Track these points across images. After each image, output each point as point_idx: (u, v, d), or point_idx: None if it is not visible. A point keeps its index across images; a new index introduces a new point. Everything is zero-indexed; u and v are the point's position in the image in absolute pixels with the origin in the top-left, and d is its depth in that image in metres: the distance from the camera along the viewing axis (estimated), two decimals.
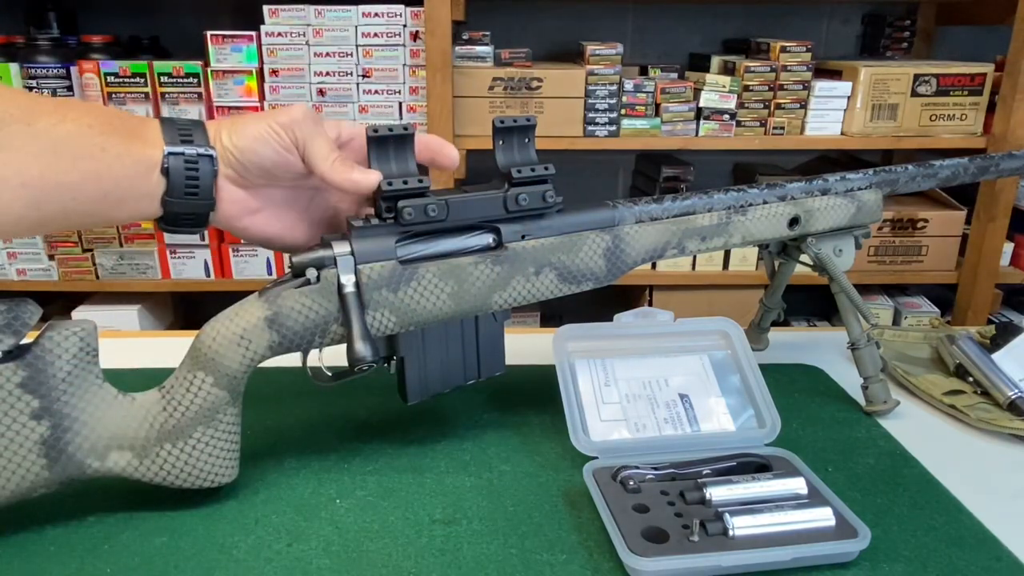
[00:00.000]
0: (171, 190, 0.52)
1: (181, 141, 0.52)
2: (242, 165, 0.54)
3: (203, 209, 0.54)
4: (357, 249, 0.56)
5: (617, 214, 0.63)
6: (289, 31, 1.73)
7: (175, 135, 0.53)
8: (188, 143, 0.53)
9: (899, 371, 0.77)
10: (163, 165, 0.52)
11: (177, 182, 0.52)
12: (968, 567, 0.51)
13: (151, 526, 0.54)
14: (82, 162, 0.50)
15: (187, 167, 0.52)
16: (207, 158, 0.53)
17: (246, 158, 0.54)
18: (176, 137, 0.52)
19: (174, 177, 0.52)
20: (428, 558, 0.51)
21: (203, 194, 0.53)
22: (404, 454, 0.63)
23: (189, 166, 0.52)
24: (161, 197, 0.53)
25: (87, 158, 0.50)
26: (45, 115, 0.49)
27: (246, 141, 0.54)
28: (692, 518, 0.51)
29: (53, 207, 0.50)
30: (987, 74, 1.81)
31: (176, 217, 0.54)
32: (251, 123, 0.54)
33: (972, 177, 0.74)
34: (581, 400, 0.63)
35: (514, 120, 0.59)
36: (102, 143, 0.50)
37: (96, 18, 2.00)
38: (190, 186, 0.53)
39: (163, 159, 0.52)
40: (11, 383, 0.50)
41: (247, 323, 0.54)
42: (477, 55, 1.81)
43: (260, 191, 0.57)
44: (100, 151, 0.50)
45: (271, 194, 0.57)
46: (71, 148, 0.49)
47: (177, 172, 0.52)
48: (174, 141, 0.52)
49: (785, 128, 1.85)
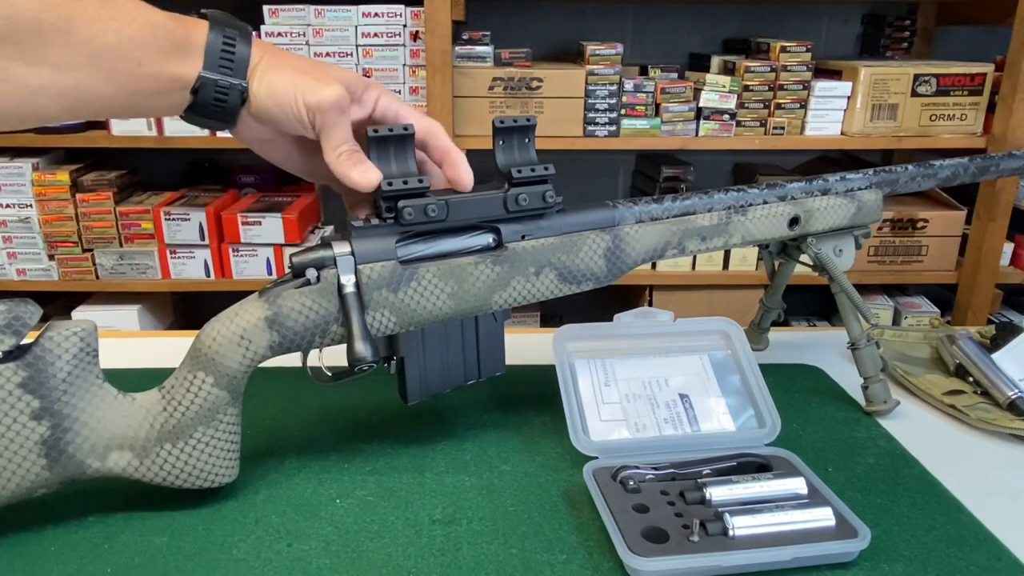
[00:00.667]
0: (196, 107, 0.53)
1: (220, 65, 0.52)
2: (258, 109, 0.55)
3: (220, 127, 0.56)
4: (357, 249, 0.56)
5: (617, 214, 0.63)
6: (289, 31, 1.74)
7: (216, 55, 0.52)
8: (226, 69, 0.52)
9: (899, 371, 0.77)
10: (195, 85, 0.52)
11: (204, 103, 0.53)
12: (968, 567, 0.51)
13: (151, 526, 0.54)
14: (118, 76, 0.50)
15: (216, 93, 0.53)
16: (237, 90, 0.53)
17: (262, 109, 0.54)
18: (216, 59, 0.52)
19: (202, 98, 0.53)
20: (428, 558, 0.51)
21: (226, 116, 0.54)
22: (404, 454, 0.63)
23: (219, 92, 0.53)
24: (185, 109, 0.54)
25: (123, 73, 0.50)
26: (86, 24, 0.49)
27: (270, 101, 0.54)
28: (692, 518, 0.51)
29: (86, 110, 0.52)
30: (987, 74, 1.81)
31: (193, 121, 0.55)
32: (284, 82, 0.54)
33: (972, 177, 0.74)
34: (581, 400, 0.63)
35: (514, 120, 0.59)
36: (140, 57, 0.50)
37: None
38: (215, 108, 0.53)
39: (196, 80, 0.52)
40: (11, 383, 0.50)
41: (247, 323, 0.54)
42: (477, 55, 1.81)
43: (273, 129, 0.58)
44: (137, 66, 0.50)
45: (282, 134, 0.58)
46: (108, 61, 0.50)
47: (206, 95, 0.53)
48: (212, 65, 0.52)
49: (785, 128, 1.85)
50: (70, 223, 1.83)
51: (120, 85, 0.51)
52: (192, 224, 1.83)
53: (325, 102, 0.53)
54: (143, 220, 1.83)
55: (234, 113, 0.54)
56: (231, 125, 0.56)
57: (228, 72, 0.52)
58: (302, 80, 0.54)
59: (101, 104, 0.51)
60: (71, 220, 1.83)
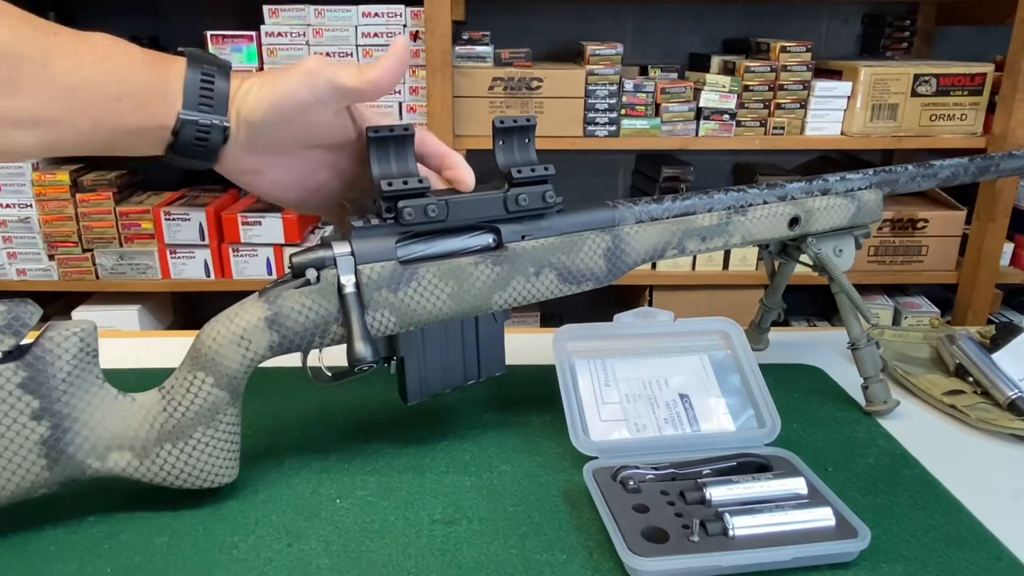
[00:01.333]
0: (177, 148, 0.53)
1: (200, 103, 0.52)
2: (256, 129, 0.54)
3: (203, 166, 0.55)
4: (357, 249, 0.56)
5: (617, 214, 0.63)
6: (289, 31, 1.74)
7: (195, 94, 0.52)
8: (206, 107, 0.52)
9: (899, 371, 0.77)
10: (175, 127, 0.52)
11: (185, 144, 0.52)
12: (968, 567, 0.51)
13: (151, 526, 0.54)
14: (95, 110, 0.49)
15: (198, 133, 0.52)
16: (219, 128, 0.52)
17: (263, 113, 0.53)
18: (196, 98, 0.52)
19: (182, 139, 0.52)
20: (428, 558, 0.51)
21: (207, 155, 0.54)
22: (404, 454, 0.63)
23: (200, 132, 0.52)
24: (165, 148, 0.53)
25: (101, 107, 0.49)
26: (62, 57, 0.48)
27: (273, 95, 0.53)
28: (692, 518, 0.51)
29: (65, 145, 0.50)
30: (987, 74, 1.81)
31: (177, 161, 0.54)
32: (285, 74, 0.53)
33: (972, 177, 0.74)
34: (581, 400, 0.63)
35: (514, 120, 0.59)
36: (118, 92, 0.50)
37: (96, 18, 2.00)
38: (197, 148, 0.53)
39: (176, 122, 0.51)
40: (11, 383, 0.50)
41: (247, 323, 0.54)
42: (477, 55, 1.81)
43: (264, 157, 0.57)
44: (115, 101, 0.50)
45: (275, 161, 0.57)
46: (85, 95, 0.49)
47: (186, 137, 0.52)
48: (192, 104, 0.52)
49: (785, 128, 1.85)
50: (70, 223, 1.83)
51: (97, 120, 0.50)
52: (192, 224, 1.83)
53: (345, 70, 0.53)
54: (143, 220, 1.83)
55: (215, 151, 0.53)
56: (213, 163, 0.55)
57: (208, 110, 0.52)
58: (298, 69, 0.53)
59: (81, 140, 0.50)
60: (71, 220, 1.83)
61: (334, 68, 0.53)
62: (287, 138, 0.55)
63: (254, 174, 0.57)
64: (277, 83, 0.53)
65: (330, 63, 0.53)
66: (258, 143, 0.55)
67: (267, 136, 0.54)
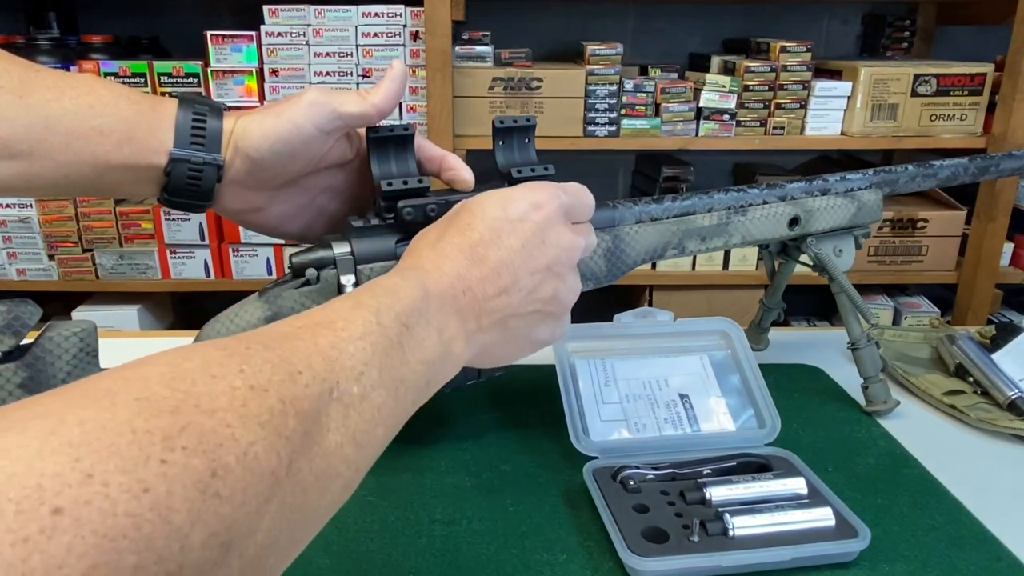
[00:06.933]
0: (170, 189, 0.52)
1: (192, 142, 0.50)
2: (261, 166, 0.53)
3: (201, 209, 0.54)
4: (357, 249, 0.56)
5: (617, 214, 0.63)
6: (289, 31, 1.74)
7: (187, 132, 0.50)
8: (198, 146, 0.51)
9: (899, 371, 0.77)
10: (166, 168, 0.51)
11: (178, 184, 0.51)
12: (968, 567, 0.51)
13: None
14: (76, 143, 0.47)
15: (191, 172, 0.51)
16: (213, 167, 0.51)
17: (275, 149, 0.52)
18: (187, 136, 0.50)
19: (175, 179, 0.51)
20: (428, 558, 0.51)
21: (203, 196, 0.53)
22: (404, 454, 0.63)
23: (193, 171, 0.51)
24: (159, 191, 0.52)
25: (82, 139, 0.47)
26: (41, 90, 0.47)
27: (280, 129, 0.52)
28: (692, 518, 0.51)
29: (44, 179, 0.48)
30: (987, 74, 1.81)
31: (172, 204, 0.53)
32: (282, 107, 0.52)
33: (972, 177, 0.74)
34: (581, 400, 0.63)
35: (514, 120, 0.59)
36: (100, 126, 0.48)
37: (96, 18, 2.00)
38: (191, 188, 0.52)
39: (167, 162, 0.50)
40: (11, 384, 0.50)
41: (247, 323, 0.54)
42: (477, 55, 1.81)
43: (264, 192, 0.56)
44: (97, 135, 0.48)
45: (276, 194, 0.57)
46: (65, 125, 0.47)
47: (179, 176, 0.51)
48: (184, 142, 0.50)
49: (785, 128, 1.85)
50: (70, 223, 1.83)
51: (78, 153, 0.47)
52: (192, 224, 1.83)
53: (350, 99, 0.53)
54: (143, 220, 1.83)
55: (210, 191, 0.52)
56: (210, 204, 0.53)
57: (200, 148, 0.50)
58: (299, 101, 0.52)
59: (60, 174, 0.48)
60: (71, 220, 1.83)
61: (336, 96, 0.53)
62: (292, 170, 0.55)
63: (257, 211, 0.57)
64: (280, 117, 0.52)
65: (331, 92, 0.53)
66: (262, 179, 0.54)
67: (271, 171, 0.54)
